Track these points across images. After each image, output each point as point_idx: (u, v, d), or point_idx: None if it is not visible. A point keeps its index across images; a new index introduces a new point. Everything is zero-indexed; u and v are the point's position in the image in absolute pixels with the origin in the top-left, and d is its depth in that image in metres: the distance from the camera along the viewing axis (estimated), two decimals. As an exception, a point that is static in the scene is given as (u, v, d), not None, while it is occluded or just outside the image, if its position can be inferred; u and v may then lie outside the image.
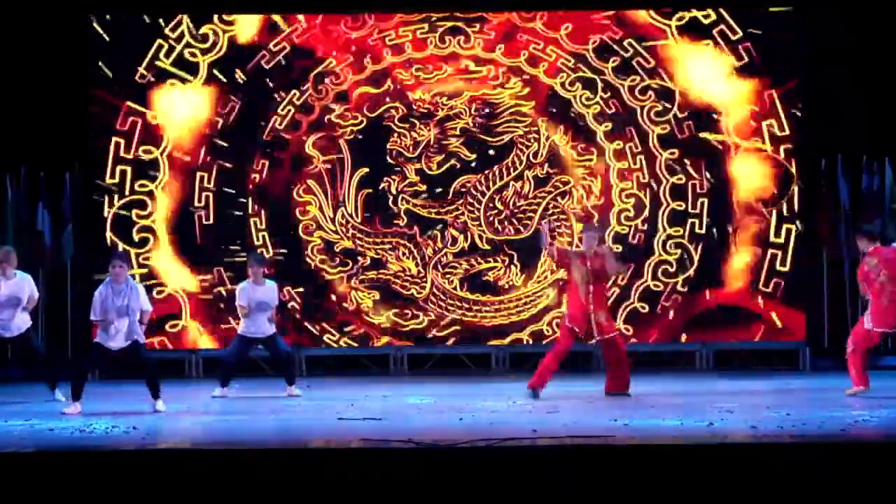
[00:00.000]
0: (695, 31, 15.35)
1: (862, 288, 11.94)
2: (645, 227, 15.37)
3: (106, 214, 15.07)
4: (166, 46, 15.18)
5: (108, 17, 15.17)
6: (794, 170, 15.29)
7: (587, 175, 15.35)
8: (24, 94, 14.97)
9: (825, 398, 11.45)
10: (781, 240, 15.30)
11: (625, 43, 15.33)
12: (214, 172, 15.21)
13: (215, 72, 15.21)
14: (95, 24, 15.13)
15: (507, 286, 15.39)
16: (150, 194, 15.18)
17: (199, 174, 15.21)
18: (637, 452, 8.07)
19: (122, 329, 10.86)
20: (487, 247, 15.38)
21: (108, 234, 15.05)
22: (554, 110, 15.33)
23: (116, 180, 15.14)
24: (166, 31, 15.17)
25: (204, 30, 15.23)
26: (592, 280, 11.95)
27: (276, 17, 15.29)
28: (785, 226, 15.32)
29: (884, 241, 12.15)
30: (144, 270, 14.98)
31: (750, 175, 15.28)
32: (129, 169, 15.17)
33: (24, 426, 9.84)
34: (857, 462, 7.72)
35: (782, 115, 15.30)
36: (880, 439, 8.69)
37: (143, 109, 15.11)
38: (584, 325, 11.93)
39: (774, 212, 15.32)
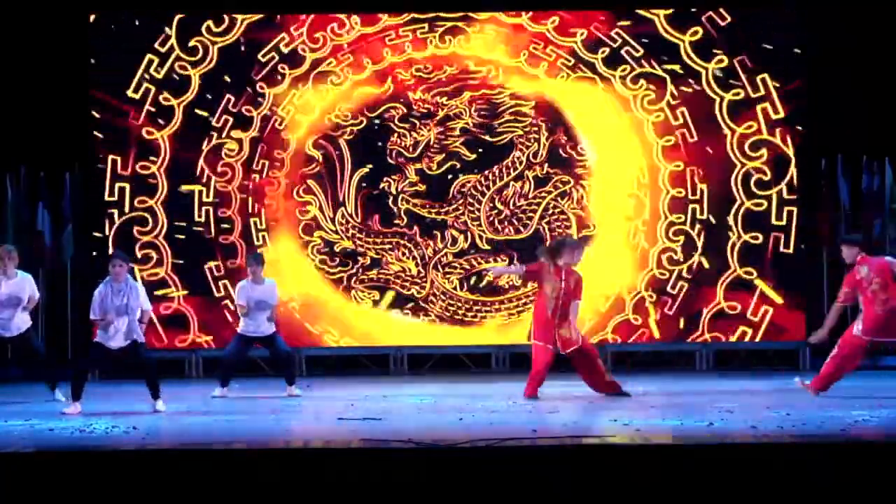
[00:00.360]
0: (695, 30, 15.38)
1: (845, 295, 11.80)
2: (645, 228, 15.38)
3: (107, 233, 15.09)
4: (157, 60, 15.19)
5: (107, 16, 15.21)
6: (791, 152, 15.27)
7: (587, 175, 15.39)
8: (24, 94, 14.98)
9: (825, 398, 11.43)
10: (783, 222, 15.30)
11: (612, 33, 15.34)
12: (213, 185, 15.23)
13: (214, 71, 15.27)
14: (95, 24, 15.17)
15: (507, 286, 15.40)
16: (150, 210, 15.20)
17: (196, 189, 15.23)
18: (637, 452, 8.07)
19: (122, 328, 10.85)
20: (487, 247, 15.38)
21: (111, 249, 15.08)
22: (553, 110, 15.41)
23: (115, 198, 15.16)
24: (156, 45, 15.18)
25: (192, 42, 15.25)
26: (563, 296, 11.79)
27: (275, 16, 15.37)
28: (786, 208, 15.31)
29: (869, 250, 12.07)
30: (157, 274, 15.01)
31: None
32: (127, 186, 15.18)
33: (24, 426, 9.83)
34: (857, 462, 7.72)
35: (782, 115, 15.32)
36: (880, 439, 8.68)
37: (138, 123, 15.16)
38: (551, 338, 11.77)
39: (774, 195, 15.31)
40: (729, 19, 15.30)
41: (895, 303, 11.56)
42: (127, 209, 15.18)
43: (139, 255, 15.06)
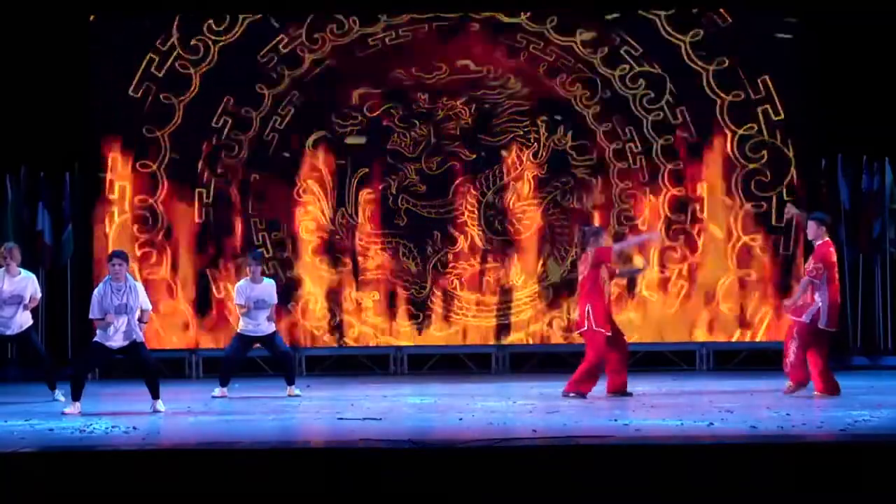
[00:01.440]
0: (695, 31, 15.38)
1: (819, 272, 11.55)
2: (645, 227, 15.37)
3: (108, 231, 15.10)
4: (157, 59, 15.19)
5: (107, 18, 15.22)
6: (791, 154, 15.26)
7: (587, 175, 15.39)
8: (24, 95, 14.97)
9: (825, 398, 11.43)
10: (783, 224, 15.29)
11: (612, 33, 15.33)
12: (213, 185, 15.23)
13: (212, 75, 15.28)
14: (95, 25, 15.18)
15: (507, 286, 15.39)
16: (151, 209, 15.20)
17: (197, 191, 15.22)
18: (637, 452, 8.07)
19: (122, 328, 10.85)
20: (487, 247, 15.38)
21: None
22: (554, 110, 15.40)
23: (116, 196, 15.16)
24: (156, 43, 15.17)
25: (194, 42, 15.24)
26: (609, 280, 11.95)
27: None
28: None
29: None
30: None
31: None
32: (127, 184, 15.19)
33: (24, 426, 9.84)
34: (857, 462, 7.72)
35: (782, 115, 15.31)
36: (880, 439, 8.68)
37: (138, 122, 15.17)
38: (610, 324, 11.81)
39: (774, 196, 15.31)
40: (730, 20, 15.30)
41: None
42: (127, 208, 15.18)
43: (139, 253, 15.05)
